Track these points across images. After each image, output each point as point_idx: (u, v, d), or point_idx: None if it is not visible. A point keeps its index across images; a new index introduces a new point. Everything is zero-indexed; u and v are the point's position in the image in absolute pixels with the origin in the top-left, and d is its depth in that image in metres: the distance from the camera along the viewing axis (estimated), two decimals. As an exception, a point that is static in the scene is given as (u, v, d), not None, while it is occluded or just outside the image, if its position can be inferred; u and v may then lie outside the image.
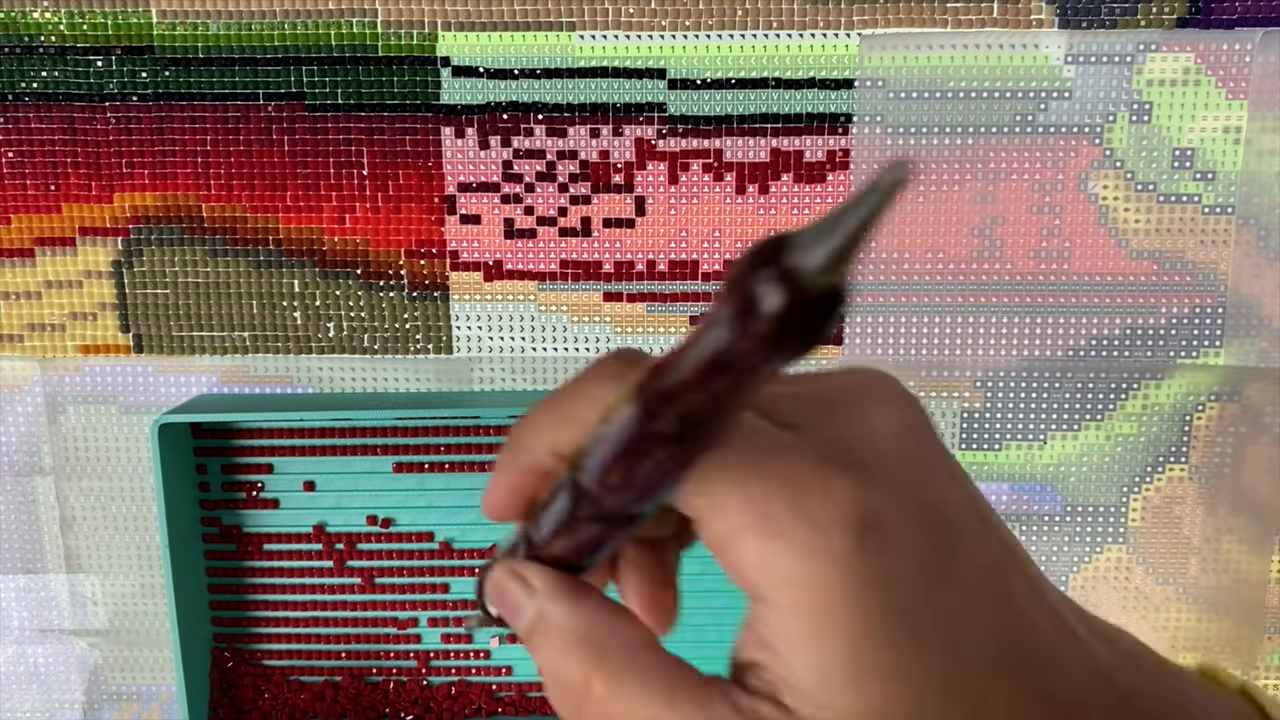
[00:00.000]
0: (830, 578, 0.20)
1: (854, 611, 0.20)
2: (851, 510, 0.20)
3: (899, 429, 0.22)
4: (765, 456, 0.21)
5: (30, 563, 0.60)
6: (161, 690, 0.61)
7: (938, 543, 0.21)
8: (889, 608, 0.20)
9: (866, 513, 0.20)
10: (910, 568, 0.20)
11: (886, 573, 0.20)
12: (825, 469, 0.21)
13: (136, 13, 0.53)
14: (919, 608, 0.20)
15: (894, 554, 0.20)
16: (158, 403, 0.57)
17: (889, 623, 0.20)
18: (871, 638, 0.20)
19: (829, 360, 0.56)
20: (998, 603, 0.22)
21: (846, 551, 0.20)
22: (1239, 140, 0.53)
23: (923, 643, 0.20)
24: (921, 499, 0.21)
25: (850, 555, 0.20)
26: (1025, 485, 0.57)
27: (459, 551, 0.57)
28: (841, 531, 0.20)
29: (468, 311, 0.56)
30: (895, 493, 0.21)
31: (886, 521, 0.20)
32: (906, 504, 0.21)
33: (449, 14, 0.53)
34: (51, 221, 0.56)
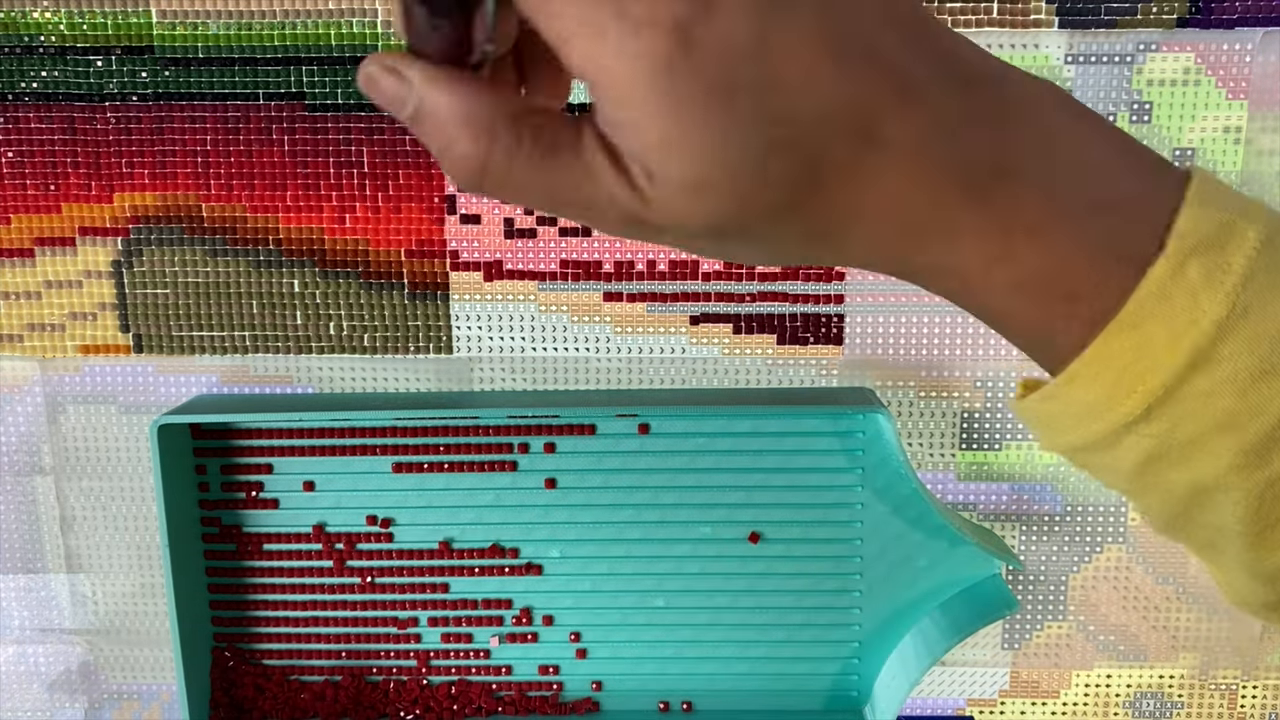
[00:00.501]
0: (642, 82, 0.23)
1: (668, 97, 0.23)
2: (667, 17, 0.22)
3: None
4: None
5: (30, 563, 0.60)
6: (162, 690, 0.61)
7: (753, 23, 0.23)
8: (700, 90, 0.23)
9: (680, 18, 0.22)
10: (723, 54, 0.23)
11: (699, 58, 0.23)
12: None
13: (136, 13, 0.53)
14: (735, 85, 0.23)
15: (704, 48, 0.23)
16: (158, 403, 0.57)
17: (701, 103, 0.23)
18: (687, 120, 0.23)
19: (828, 360, 0.56)
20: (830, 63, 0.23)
21: (658, 56, 0.23)
22: (1239, 140, 0.53)
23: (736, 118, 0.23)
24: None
25: (663, 60, 0.23)
26: (1025, 485, 0.57)
27: (459, 551, 0.57)
28: (658, 38, 0.22)
29: (468, 311, 0.56)
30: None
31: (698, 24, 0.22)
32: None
33: (449, 14, 0.53)
34: (51, 221, 0.56)
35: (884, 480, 0.55)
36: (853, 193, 0.24)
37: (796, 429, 0.55)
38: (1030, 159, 0.25)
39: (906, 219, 0.25)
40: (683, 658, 0.58)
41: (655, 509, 0.56)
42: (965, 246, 0.25)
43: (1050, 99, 0.26)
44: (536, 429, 0.56)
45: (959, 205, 0.25)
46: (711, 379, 0.57)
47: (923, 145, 0.24)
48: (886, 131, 0.24)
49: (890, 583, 0.56)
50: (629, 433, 0.55)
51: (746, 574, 0.57)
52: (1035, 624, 0.58)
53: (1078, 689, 0.59)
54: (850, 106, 0.24)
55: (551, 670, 0.58)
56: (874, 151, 0.24)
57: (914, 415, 0.57)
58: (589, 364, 0.57)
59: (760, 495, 0.56)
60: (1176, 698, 0.59)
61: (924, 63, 0.24)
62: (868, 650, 0.57)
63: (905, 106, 0.24)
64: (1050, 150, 0.25)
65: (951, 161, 0.24)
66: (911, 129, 0.24)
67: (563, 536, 0.57)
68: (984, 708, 0.60)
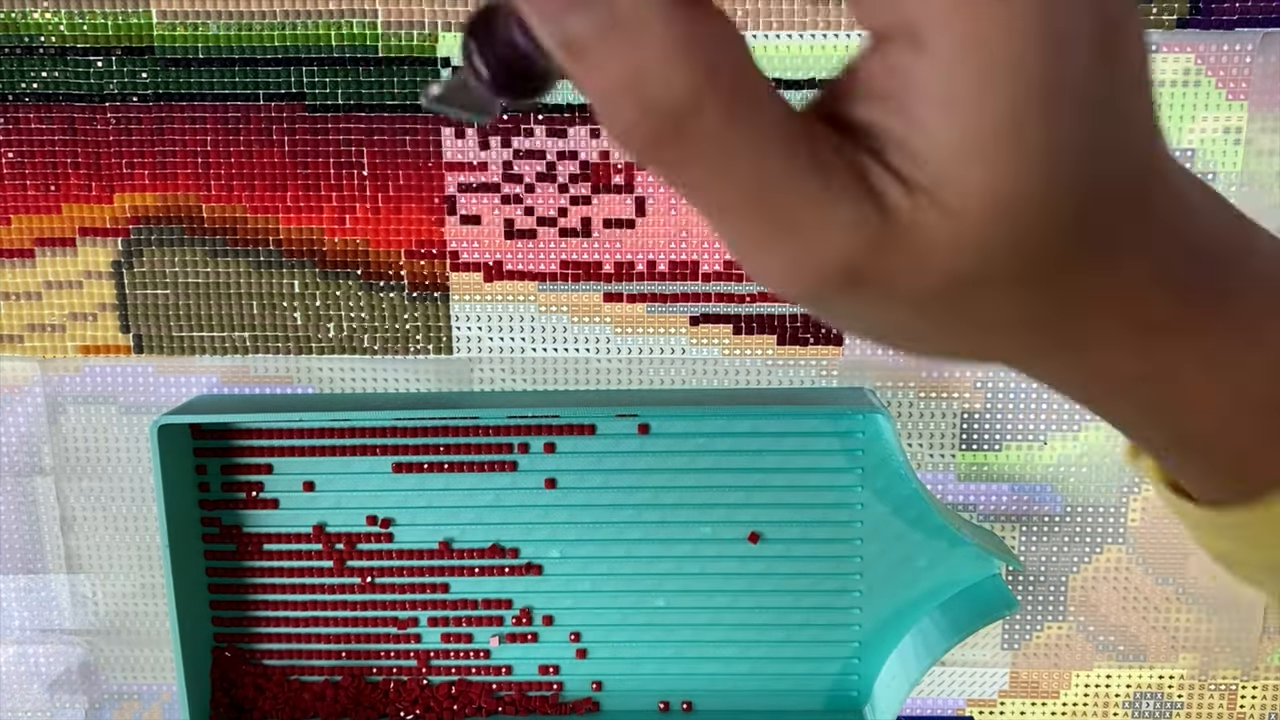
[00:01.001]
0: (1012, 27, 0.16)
1: (1022, 74, 0.17)
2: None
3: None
4: None
5: (30, 563, 0.60)
6: (162, 690, 0.61)
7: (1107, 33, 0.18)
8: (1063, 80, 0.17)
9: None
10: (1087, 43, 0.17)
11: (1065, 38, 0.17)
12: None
13: (136, 13, 0.53)
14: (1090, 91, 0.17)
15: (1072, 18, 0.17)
16: (158, 403, 0.57)
17: (1058, 96, 0.17)
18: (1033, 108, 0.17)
19: (828, 360, 0.56)
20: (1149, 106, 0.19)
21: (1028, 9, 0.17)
22: (1239, 141, 0.53)
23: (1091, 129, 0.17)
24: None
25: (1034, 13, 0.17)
26: (1025, 485, 0.57)
27: (458, 551, 0.57)
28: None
29: (468, 312, 0.56)
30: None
31: None
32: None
33: (449, 14, 0.53)
34: (51, 222, 0.56)
35: (884, 480, 0.55)
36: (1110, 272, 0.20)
37: (796, 429, 0.55)
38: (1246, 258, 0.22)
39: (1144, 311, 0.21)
40: (683, 658, 0.58)
41: (655, 509, 0.56)
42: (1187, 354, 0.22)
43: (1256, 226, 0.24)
44: (536, 429, 0.56)
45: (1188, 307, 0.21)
46: (711, 379, 0.57)
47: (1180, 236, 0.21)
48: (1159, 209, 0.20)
49: (890, 583, 0.56)
50: (629, 433, 0.55)
51: (746, 574, 0.57)
52: (1035, 624, 0.58)
53: (1078, 689, 0.59)
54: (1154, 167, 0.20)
55: (551, 670, 0.58)
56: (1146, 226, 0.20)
57: (914, 415, 0.57)
58: (589, 364, 0.57)
59: (760, 495, 0.56)
60: (1176, 698, 0.59)
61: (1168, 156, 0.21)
62: (868, 650, 0.57)
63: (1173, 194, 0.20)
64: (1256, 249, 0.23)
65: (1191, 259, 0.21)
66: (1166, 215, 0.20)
67: (563, 537, 0.57)
68: (984, 708, 0.60)
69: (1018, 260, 0.18)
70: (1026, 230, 0.18)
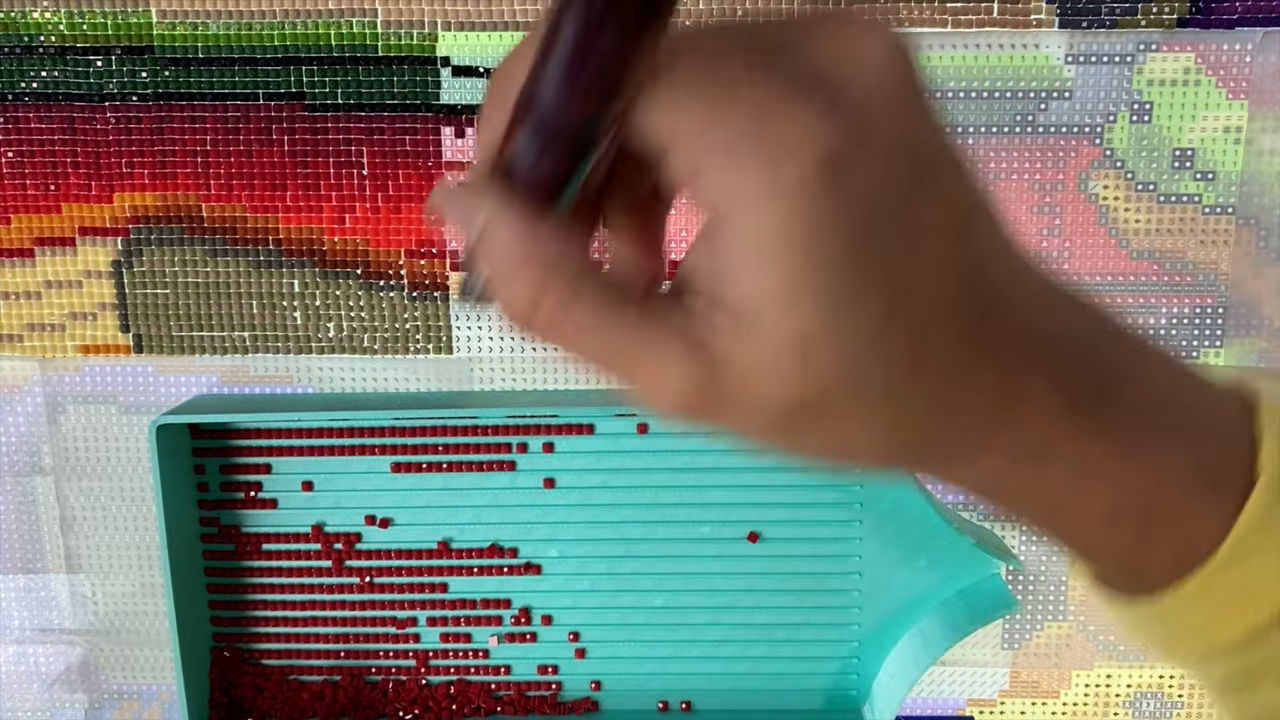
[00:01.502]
0: (787, 204, 0.20)
1: (804, 238, 0.20)
2: (814, 141, 0.20)
3: (881, 61, 0.21)
4: (734, 84, 0.21)
5: (30, 563, 0.60)
6: (162, 690, 0.61)
7: (906, 181, 0.21)
8: (840, 239, 0.21)
9: (830, 145, 0.20)
10: (870, 203, 0.21)
11: (844, 205, 0.20)
12: (792, 97, 0.20)
13: (136, 13, 0.53)
14: (872, 243, 0.21)
15: (854, 188, 0.21)
16: (157, 403, 0.57)
17: (838, 253, 0.21)
18: (817, 264, 0.21)
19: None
20: (959, 248, 0.22)
21: (806, 180, 0.20)
22: (1239, 140, 0.53)
23: (868, 277, 0.21)
24: (895, 134, 0.21)
25: (809, 185, 0.20)
26: (1025, 485, 0.57)
27: (457, 551, 0.57)
28: (802, 161, 0.20)
29: (468, 311, 0.56)
30: (866, 126, 0.21)
31: (850, 155, 0.20)
32: (878, 138, 0.21)
33: (449, 14, 0.53)
34: (51, 221, 0.56)
35: (883, 480, 0.55)
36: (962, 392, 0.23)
37: (796, 429, 0.55)
38: (1133, 381, 0.24)
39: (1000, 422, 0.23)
40: (682, 657, 0.58)
41: (654, 509, 0.56)
42: (1061, 467, 0.24)
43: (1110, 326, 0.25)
44: (535, 429, 0.56)
45: (1058, 417, 0.23)
46: (711, 379, 0.56)
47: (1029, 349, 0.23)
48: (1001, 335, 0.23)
49: (890, 582, 0.56)
50: (628, 432, 0.55)
51: (745, 574, 0.57)
52: (1035, 624, 0.58)
53: (1078, 689, 0.59)
54: (972, 299, 0.22)
55: (550, 670, 0.58)
56: (986, 346, 0.23)
57: (913, 415, 0.56)
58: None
59: (759, 494, 0.56)
60: (1176, 698, 0.59)
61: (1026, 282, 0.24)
62: (867, 650, 0.57)
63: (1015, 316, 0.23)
64: (1138, 372, 0.25)
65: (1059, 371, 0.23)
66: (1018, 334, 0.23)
67: (561, 536, 0.57)
68: (984, 708, 0.60)
69: (830, 388, 0.22)
70: (827, 362, 0.21)
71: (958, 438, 0.23)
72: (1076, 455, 0.24)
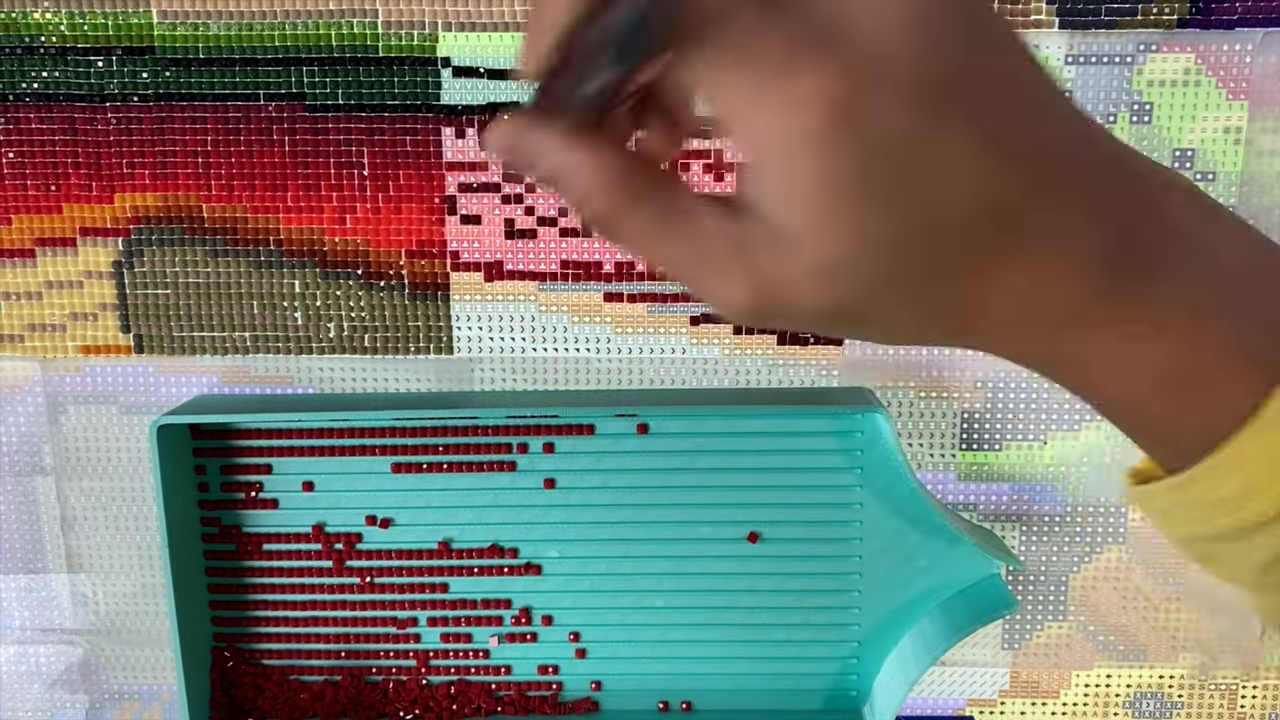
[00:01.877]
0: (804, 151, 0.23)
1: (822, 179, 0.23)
2: (825, 92, 0.22)
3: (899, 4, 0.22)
4: (760, 31, 0.22)
5: (31, 563, 0.60)
6: (162, 689, 0.61)
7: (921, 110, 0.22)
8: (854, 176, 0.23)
9: (839, 94, 0.22)
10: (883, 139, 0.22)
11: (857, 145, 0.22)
12: (807, 51, 0.22)
13: (137, 13, 0.53)
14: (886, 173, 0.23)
15: (865, 128, 0.22)
16: (158, 403, 0.57)
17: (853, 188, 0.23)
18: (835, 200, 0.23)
19: (828, 360, 0.56)
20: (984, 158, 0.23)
21: (819, 129, 0.22)
22: (1239, 141, 0.53)
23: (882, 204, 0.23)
24: (906, 70, 0.22)
25: (823, 132, 0.22)
26: (1025, 485, 0.57)
27: (457, 551, 0.57)
28: (814, 111, 0.22)
29: (468, 312, 0.56)
30: (874, 69, 0.22)
31: (858, 101, 0.22)
32: (887, 79, 0.22)
33: (449, 14, 0.53)
34: (52, 222, 0.56)
35: (883, 480, 0.55)
36: (986, 285, 0.24)
37: (796, 429, 0.55)
38: (1163, 255, 0.25)
39: (1039, 311, 0.25)
40: (682, 657, 0.58)
41: (654, 509, 0.56)
42: (1097, 338, 0.25)
43: (1181, 195, 0.26)
44: (535, 429, 0.56)
45: (1092, 298, 0.25)
46: (712, 379, 0.57)
47: (1061, 237, 0.24)
48: (1027, 224, 0.24)
49: (890, 583, 0.56)
50: (628, 433, 0.55)
51: (745, 574, 0.57)
52: (1035, 624, 0.58)
53: (1078, 689, 0.59)
54: (995, 199, 0.23)
55: (551, 670, 0.58)
56: (1012, 243, 0.24)
57: (914, 415, 0.56)
58: (589, 364, 0.57)
59: (760, 495, 0.56)
60: (1176, 698, 0.59)
61: (1070, 156, 0.24)
62: (867, 650, 0.57)
63: (1049, 199, 0.24)
64: (1183, 247, 0.25)
65: (1088, 255, 0.24)
66: (1052, 222, 0.24)
67: (562, 536, 0.57)
68: (984, 708, 0.60)
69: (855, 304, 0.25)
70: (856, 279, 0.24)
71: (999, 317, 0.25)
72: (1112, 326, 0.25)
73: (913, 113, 0.22)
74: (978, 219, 0.24)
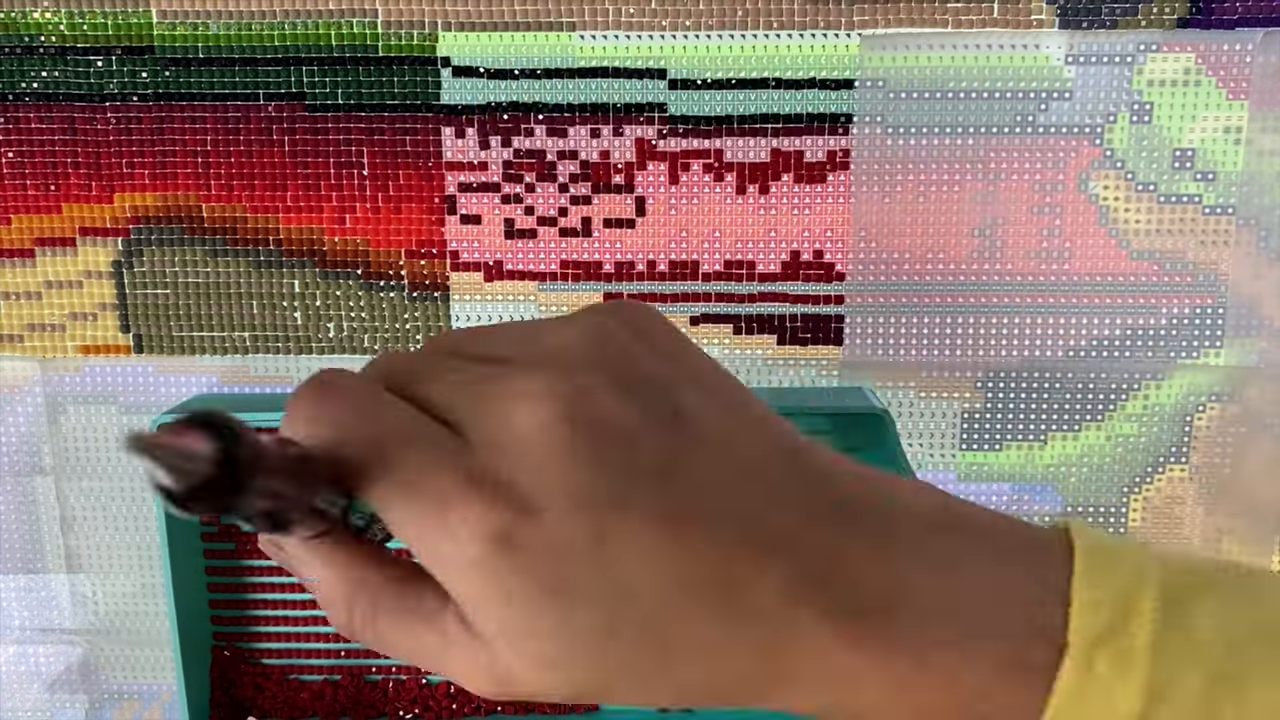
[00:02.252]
0: (477, 576, 0.24)
1: (499, 597, 0.24)
2: (484, 526, 0.24)
3: (535, 430, 0.24)
4: (421, 473, 0.24)
5: (30, 563, 0.60)
6: (162, 689, 0.61)
7: (585, 522, 0.24)
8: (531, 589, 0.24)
9: (497, 526, 0.24)
10: (551, 554, 0.24)
11: (527, 564, 0.24)
12: (467, 489, 0.24)
13: (136, 13, 0.53)
14: (565, 582, 0.24)
15: (531, 550, 0.24)
16: (158, 403, 0.57)
17: (535, 601, 0.24)
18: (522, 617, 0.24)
19: (828, 360, 0.56)
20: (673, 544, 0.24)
21: (484, 556, 0.24)
22: (1239, 140, 0.53)
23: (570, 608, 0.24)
24: (568, 488, 0.24)
25: (488, 559, 0.24)
26: (1025, 485, 0.57)
27: (459, 551, 0.57)
28: (478, 544, 0.24)
29: (468, 312, 0.56)
30: (528, 497, 0.24)
31: (517, 528, 0.24)
32: (542, 504, 0.24)
33: (449, 14, 0.53)
34: (51, 222, 0.56)
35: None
36: (717, 657, 0.24)
37: (796, 429, 0.55)
38: (910, 587, 0.24)
39: (781, 670, 0.24)
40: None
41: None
42: (856, 688, 0.24)
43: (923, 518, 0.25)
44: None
45: (841, 649, 0.24)
46: (711, 379, 0.56)
47: (790, 593, 0.24)
48: (748, 592, 0.24)
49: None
50: (629, 433, 0.55)
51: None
52: (1035, 624, 0.58)
53: (1078, 689, 0.59)
54: (700, 574, 0.24)
55: (551, 670, 0.58)
56: (734, 610, 0.24)
57: (914, 415, 0.57)
58: (589, 364, 0.57)
59: (760, 495, 0.55)
60: (1176, 698, 0.59)
61: (788, 506, 0.25)
62: (867, 650, 0.57)
63: (765, 558, 0.24)
64: (932, 576, 0.24)
65: (826, 604, 0.24)
66: (773, 580, 0.24)
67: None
68: (984, 708, 0.60)
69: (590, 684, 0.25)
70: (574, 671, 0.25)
71: (742, 689, 0.25)
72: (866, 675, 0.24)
73: (576, 522, 0.24)
74: (685, 595, 0.24)
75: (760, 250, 0.55)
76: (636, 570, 0.24)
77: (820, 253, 0.55)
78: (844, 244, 0.55)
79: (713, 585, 0.24)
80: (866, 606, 0.24)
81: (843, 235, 0.55)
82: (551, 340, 0.26)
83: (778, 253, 0.55)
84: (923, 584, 0.24)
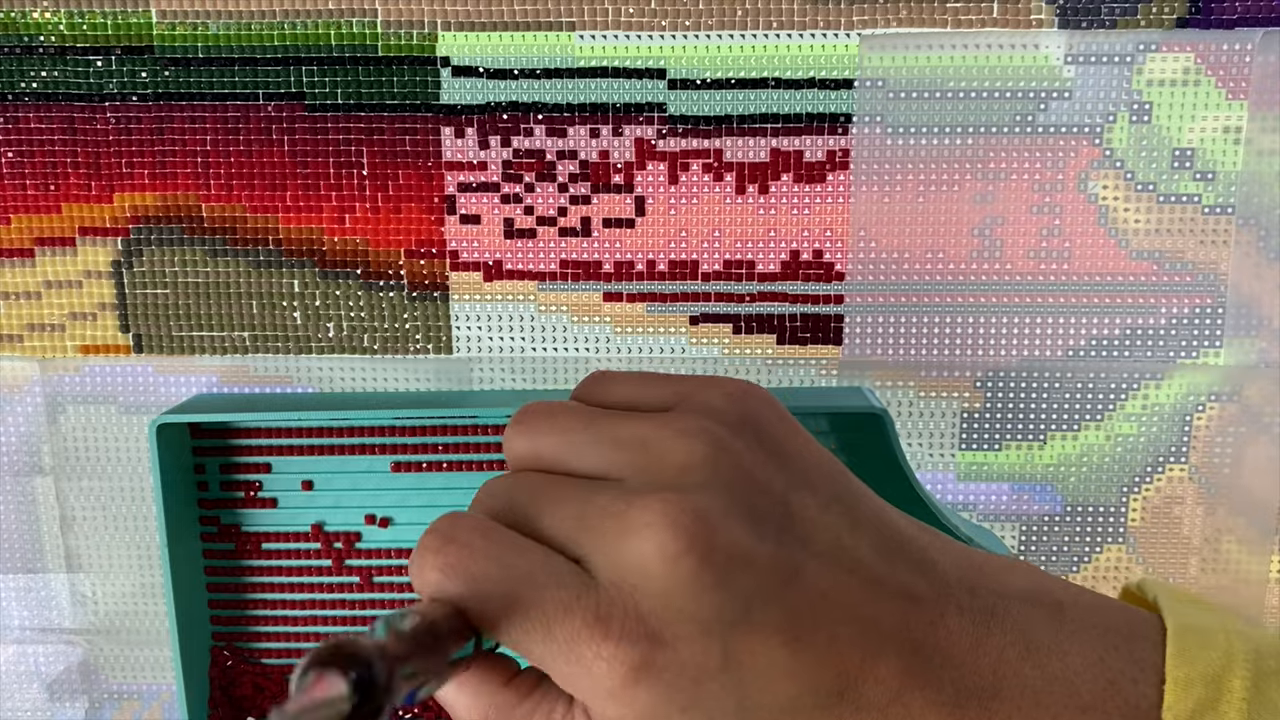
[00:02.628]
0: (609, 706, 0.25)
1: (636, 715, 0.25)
2: (619, 664, 0.25)
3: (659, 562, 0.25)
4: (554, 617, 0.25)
5: (30, 562, 0.60)
6: (162, 690, 0.61)
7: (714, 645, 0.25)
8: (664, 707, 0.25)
9: (631, 661, 0.25)
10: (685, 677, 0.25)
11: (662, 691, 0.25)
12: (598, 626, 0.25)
13: (136, 13, 0.53)
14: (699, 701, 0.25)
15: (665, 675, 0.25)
16: (157, 403, 0.57)
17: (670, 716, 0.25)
18: None
19: (828, 360, 0.56)
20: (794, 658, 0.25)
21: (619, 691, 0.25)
22: (1239, 140, 0.53)
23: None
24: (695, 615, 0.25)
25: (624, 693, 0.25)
26: (1025, 485, 0.57)
27: (458, 551, 0.57)
28: (613, 678, 0.25)
29: (468, 311, 0.56)
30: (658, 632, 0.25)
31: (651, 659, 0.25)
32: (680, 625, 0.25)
33: (449, 14, 0.53)
34: (51, 221, 0.56)
35: (883, 480, 0.54)
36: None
37: (796, 429, 0.55)
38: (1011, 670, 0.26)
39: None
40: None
41: (654, 509, 0.56)
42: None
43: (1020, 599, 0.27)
44: (536, 429, 0.56)
45: None
46: (711, 379, 0.57)
47: (901, 687, 0.25)
48: (862, 690, 0.25)
49: (890, 583, 0.56)
50: (628, 433, 0.55)
51: (746, 574, 0.56)
52: (1035, 624, 0.58)
53: (1077, 689, 0.59)
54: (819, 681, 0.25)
55: (551, 670, 0.58)
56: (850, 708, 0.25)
57: (914, 415, 0.56)
58: (589, 364, 0.57)
59: (759, 495, 0.55)
60: (1176, 698, 0.59)
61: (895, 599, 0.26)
62: (867, 650, 0.57)
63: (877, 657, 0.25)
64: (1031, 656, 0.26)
65: (933, 695, 0.25)
66: (885, 675, 0.25)
67: (562, 536, 0.57)
68: (984, 708, 0.60)
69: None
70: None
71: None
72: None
73: (704, 647, 0.25)
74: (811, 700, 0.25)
75: (760, 250, 0.55)
76: (762, 684, 0.25)
77: (820, 252, 0.55)
78: (843, 244, 0.55)
79: (830, 690, 0.25)
80: (971, 692, 0.25)
81: (842, 235, 0.55)
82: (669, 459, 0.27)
83: (777, 252, 0.55)
84: (1024, 667, 0.26)
